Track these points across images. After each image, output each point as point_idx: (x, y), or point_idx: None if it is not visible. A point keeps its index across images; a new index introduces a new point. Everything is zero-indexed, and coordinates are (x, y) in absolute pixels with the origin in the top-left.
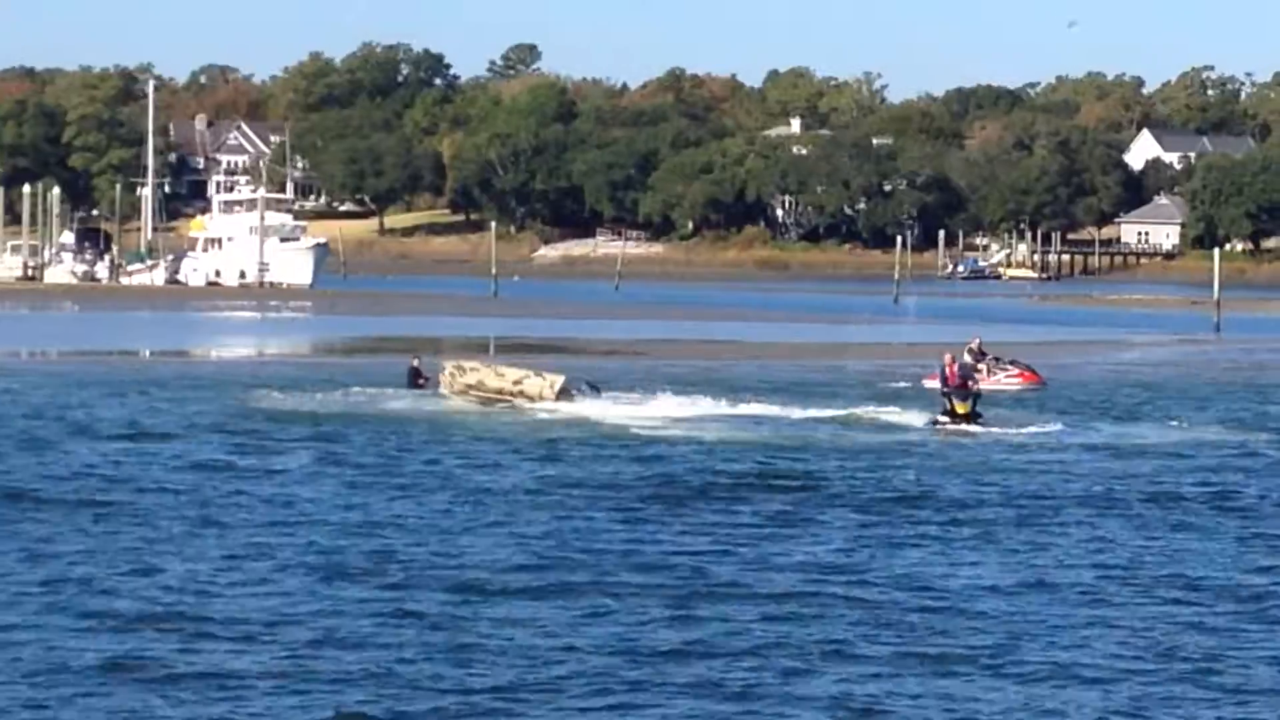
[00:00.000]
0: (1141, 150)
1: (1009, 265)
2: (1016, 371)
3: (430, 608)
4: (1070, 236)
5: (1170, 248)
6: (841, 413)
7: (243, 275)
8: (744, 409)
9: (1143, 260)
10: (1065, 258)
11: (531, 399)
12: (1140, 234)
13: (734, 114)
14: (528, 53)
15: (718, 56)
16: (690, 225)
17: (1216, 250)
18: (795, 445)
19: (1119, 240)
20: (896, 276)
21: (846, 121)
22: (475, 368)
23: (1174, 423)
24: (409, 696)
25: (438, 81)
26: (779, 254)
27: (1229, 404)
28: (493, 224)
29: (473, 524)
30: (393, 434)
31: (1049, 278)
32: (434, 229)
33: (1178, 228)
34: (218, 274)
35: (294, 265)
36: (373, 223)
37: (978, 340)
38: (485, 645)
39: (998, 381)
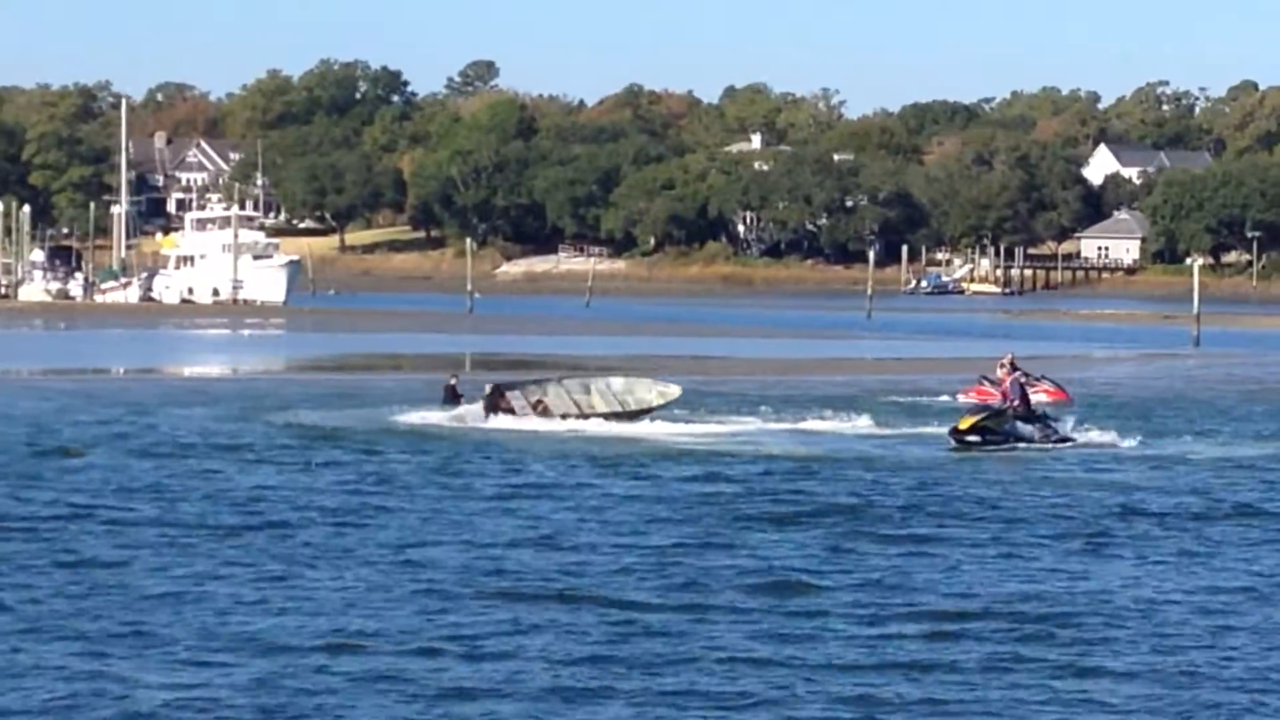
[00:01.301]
0: (1099, 165)
1: (972, 280)
2: (1044, 389)
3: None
4: (1031, 251)
5: (1131, 262)
6: (912, 430)
7: (216, 292)
8: (805, 424)
9: (1104, 275)
10: (1028, 273)
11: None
12: (1100, 249)
13: (692, 130)
14: (486, 70)
15: (675, 73)
16: (652, 241)
17: (1195, 265)
18: (884, 462)
19: (1079, 255)
20: (869, 292)
21: (805, 137)
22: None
23: (1215, 437)
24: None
25: (396, 98)
26: (742, 270)
27: (1253, 418)
28: (468, 241)
29: (609, 539)
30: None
31: (1012, 293)
32: (395, 246)
33: (1138, 242)
34: (191, 291)
35: (268, 282)
36: (333, 240)
37: (1010, 356)
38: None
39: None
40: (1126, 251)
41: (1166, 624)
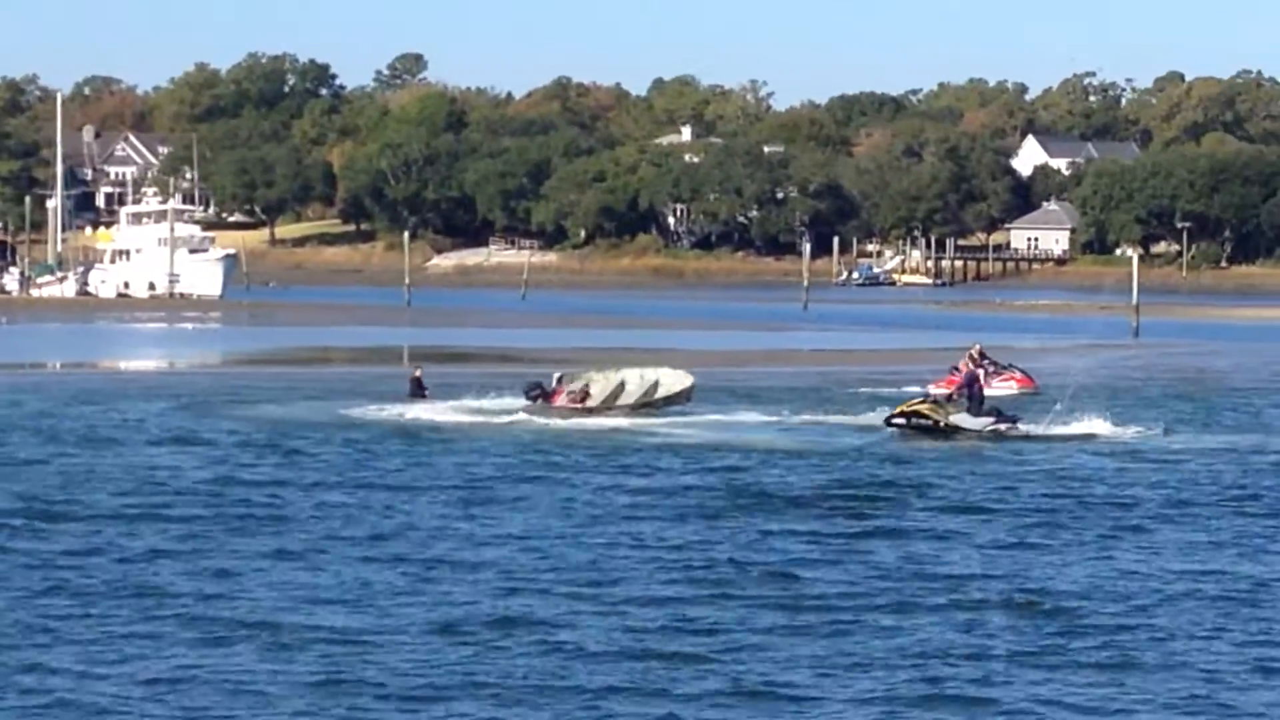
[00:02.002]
0: (1028, 157)
1: (903, 271)
2: (1012, 376)
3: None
4: (961, 243)
5: (1061, 253)
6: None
7: (152, 286)
8: (794, 419)
9: (1034, 266)
10: (958, 264)
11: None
12: (1030, 239)
13: (620, 123)
14: (414, 62)
15: (603, 65)
16: (583, 234)
17: (1134, 257)
18: (874, 453)
19: (1009, 246)
20: (805, 284)
21: (734, 129)
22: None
23: (1186, 427)
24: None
25: (324, 92)
26: (673, 262)
27: (1215, 408)
28: (405, 235)
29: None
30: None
31: (943, 284)
32: (325, 239)
33: (1067, 233)
34: (127, 285)
35: (204, 276)
36: (263, 233)
37: (978, 347)
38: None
39: (992, 386)
40: (1056, 242)
41: (1189, 614)
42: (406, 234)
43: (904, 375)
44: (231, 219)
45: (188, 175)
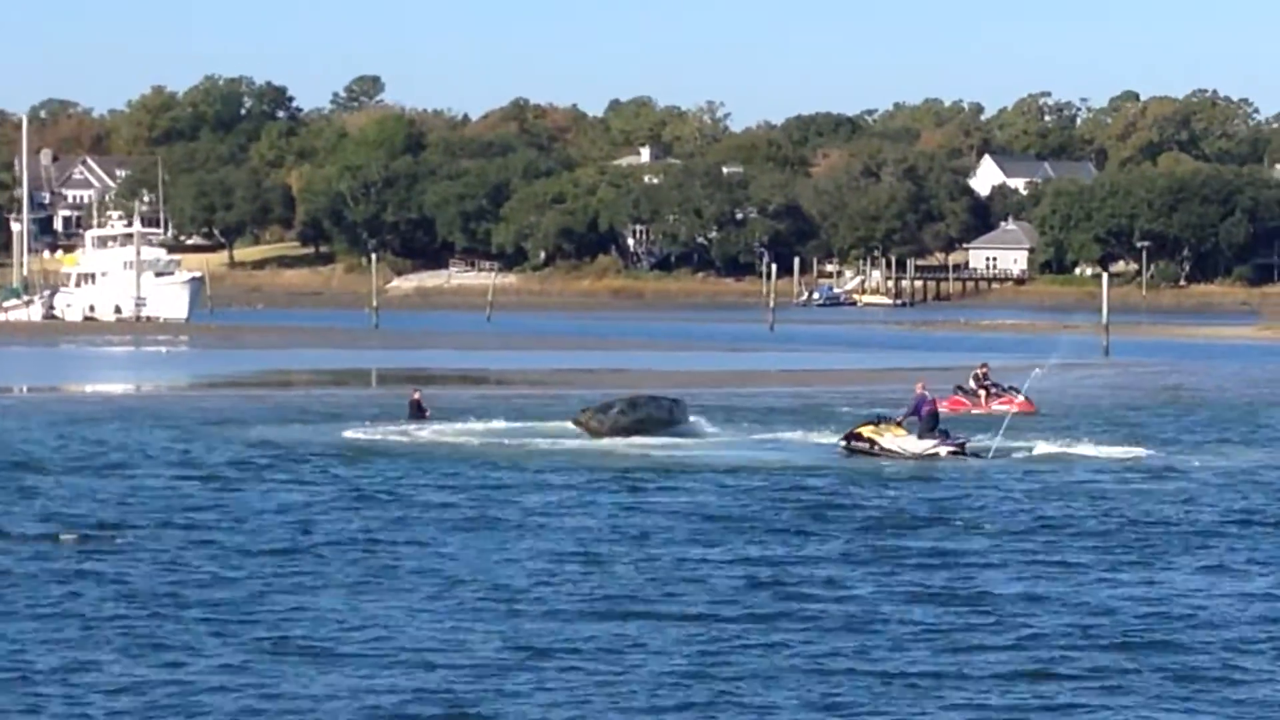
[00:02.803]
0: (985, 177)
1: (863, 292)
2: (1009, 399)
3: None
4: (920, 263)
5: (1019, 273)
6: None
7: (118, 310)
8: (811, 437)
9: (993, 285)
10: (918, 284)
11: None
12: (989, 259)
13: (578, 144)
14: (371, 85)
15: (559, 86)
16: (543, 255)
17: (1104, 276)
18: (898, 475)
19: (967, 266)
20: (771, 304)
21: (691, 150)
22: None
23: (1193, 447)
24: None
25: (281, 114)
26: (633, 283)
27: (1212, 426)
28: (372, 257)
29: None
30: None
31: (903, 304)
32: (284, 261)
33: (1025, 253)
34: (93, 309)
35: (170, 299)
36: (222, 256)
37: (984, 367)
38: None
39: (992, 408)
40: (1014, 262)
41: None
42: (374, 256)
43: (887, 396)
44: (190, 242)
45: (146, 198)
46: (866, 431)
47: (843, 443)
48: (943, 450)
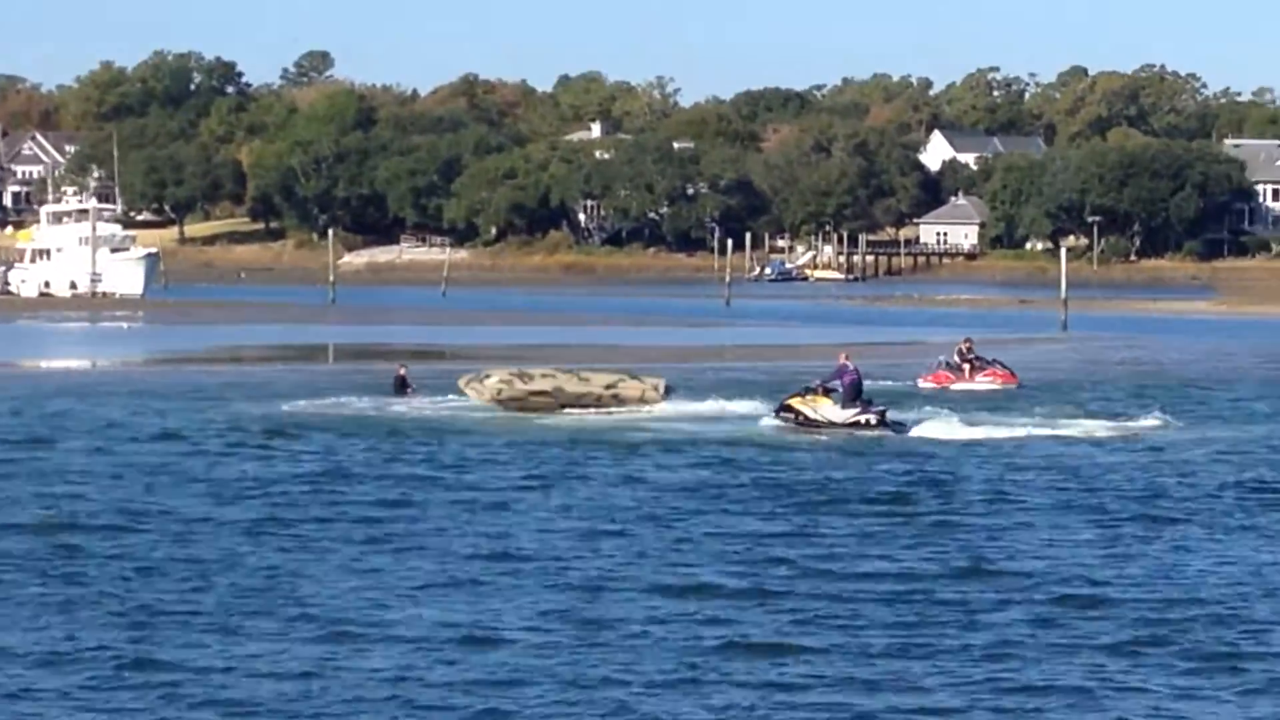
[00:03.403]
0: (934, 152)
1: (815, 267)
2: (994, 372)
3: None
4: (870, 238)
5: (970, 248)
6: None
7: (74, 286)
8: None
9: (945, 260)
10: (870, 259)
11: (628, 402)
12: (939, 234)
13: (528, 119)
14: (320, 60)
15: (509, 62)
16: (494, 231)
17: (1063, 251)
18: (887, 449)
19: (918, 241)
20: (727, 279)
21: (641, 125)
22: (548, 374)
23: (1175, 418)
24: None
25: (230, 89)
26: (584, 259)
27: (1190, 400)
28: (330, 233)
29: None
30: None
31: (855, 279)
32: (235, 237)
33: (976, 228)
34: (48, 285)
35: (126, 275)
36: (173, 231)
37: (968, 341)
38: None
39: (976, 381)
40: (965, 237)
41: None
42: (330, 232)
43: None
44: (140, 218)
45: (96, 173)
46: (795, 403)
47: (774, 415)
48: (863, 419)
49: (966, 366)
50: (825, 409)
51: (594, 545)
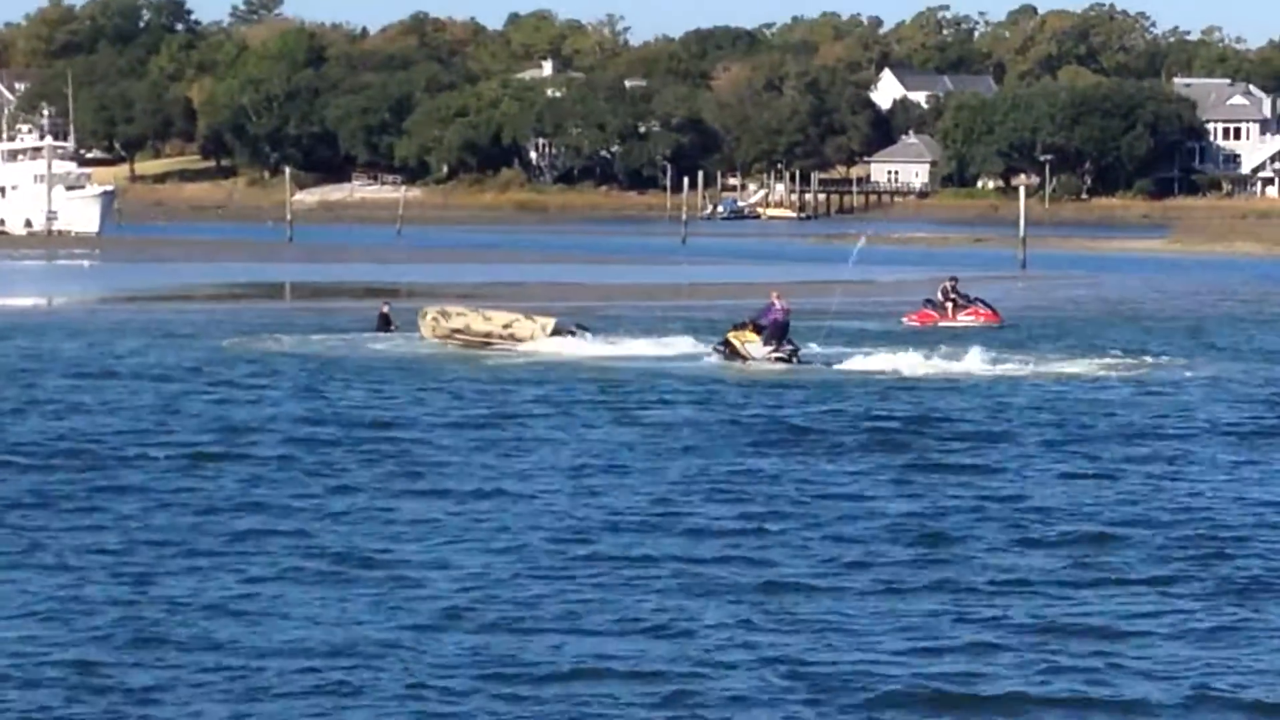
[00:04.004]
0: (885, 90)
1: (767, 205)
2: (975, 310)
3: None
4: (821, 176)
5: (921, 186)
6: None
7: (29, 224)
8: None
9: (896, 199)
10: (822, 197)
11: (522, 340)
12: (890, 173)
13: (478, 58)
14: None
15: (458, 0)
16: (445, 169)
17: (1021, 189)
18: (878, 385)
19: (869, 179)
20: (684, 217)
21: (591, 64)
22: (461, 312)
23: (1161, 357)
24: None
25: (180, 27)
26: (536, 197)
27: (1171, 336)
28: (287, 171)
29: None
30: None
31: (807, 217)
32: (185, 175)
33: (927, 166)
34: (2, 222)
35: (82, 213)
36: (123, 169)
37: (953, 280)
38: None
39: (958, 320)
40: (916, 175)
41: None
42: (286, 171)
43: (842, 307)
44: (90, 155)
45: (45, 111)
46: (730, 336)
47: (715, 349)
48: (772, 357)
49: (950, 305)
50: (751, 346)
51: (593, 483)
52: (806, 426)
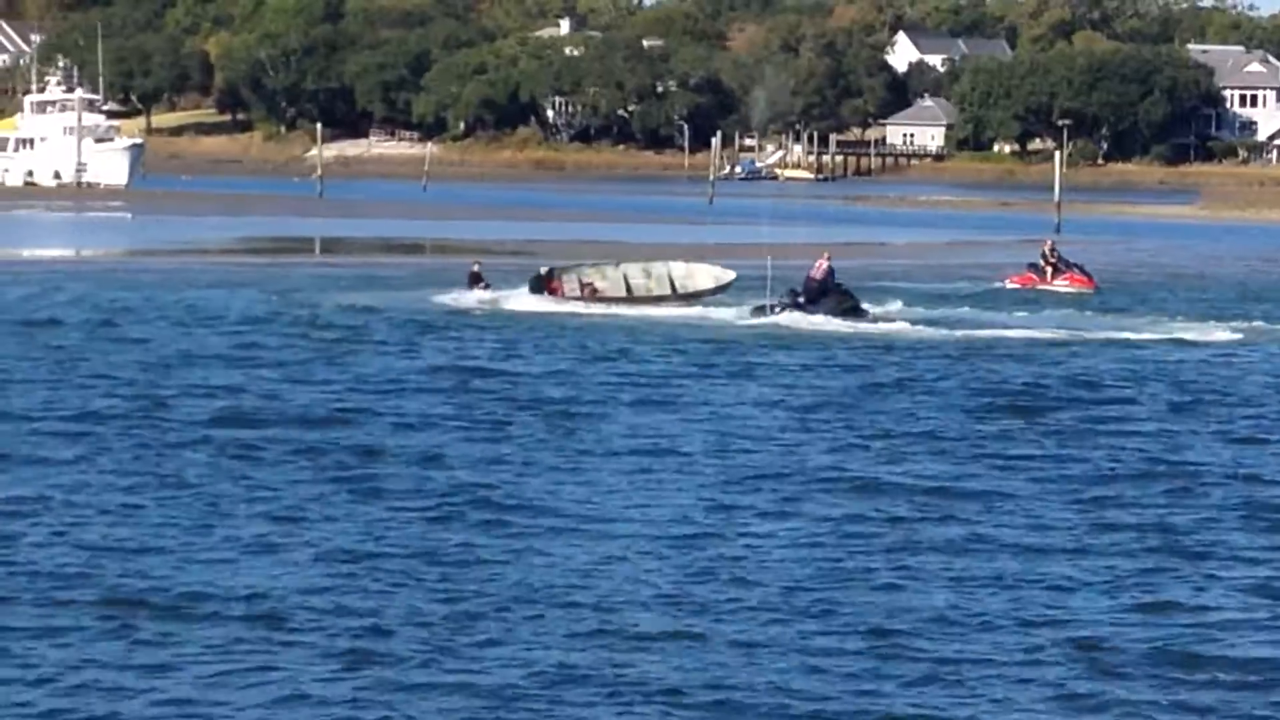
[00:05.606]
0: (900, 53)
1: (785, 166)
2: (1070, 275)
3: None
4: (838, 138)
5: (937, 149)
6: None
7: (58, 176)
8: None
9: (913, 162)
10: (839, 159)
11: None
12: (906, 136)
13: (493, 15)
14: None
15: None
16: (463, 126)
17: (1057, 154)
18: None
19: (884, 142)
20: (711, 177)
21: (606, 23)
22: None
23: (1244, 322)
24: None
25: None
26: (554, 155)
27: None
28: (318, 126)
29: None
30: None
31: (825, 179)
32: (202, 128)
33: (942, 129)
34: (32, 174)
35: (111, 165)
36: (139, 122)
37: (1050, 242)
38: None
39: (1054, 284)
40: (932, 139)
41: None
42: (319, 126)
43: (888, 269)
44: (106, 107)
45: (61, 63)
46: (785, 301)
47: (753, 317)
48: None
49: (1049, 269)
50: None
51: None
52: (994, 390)
